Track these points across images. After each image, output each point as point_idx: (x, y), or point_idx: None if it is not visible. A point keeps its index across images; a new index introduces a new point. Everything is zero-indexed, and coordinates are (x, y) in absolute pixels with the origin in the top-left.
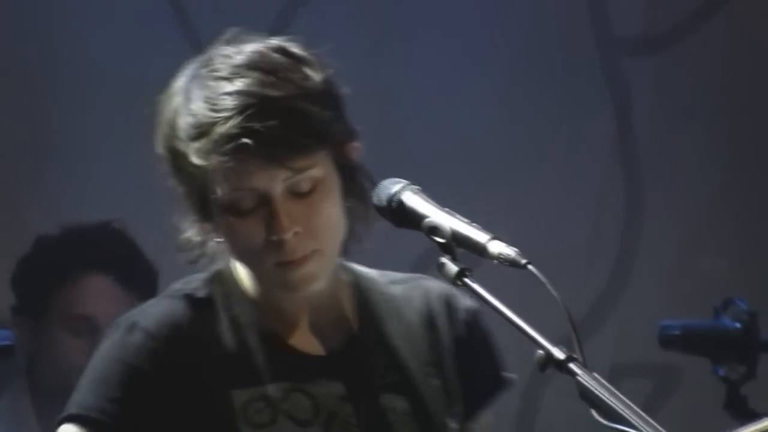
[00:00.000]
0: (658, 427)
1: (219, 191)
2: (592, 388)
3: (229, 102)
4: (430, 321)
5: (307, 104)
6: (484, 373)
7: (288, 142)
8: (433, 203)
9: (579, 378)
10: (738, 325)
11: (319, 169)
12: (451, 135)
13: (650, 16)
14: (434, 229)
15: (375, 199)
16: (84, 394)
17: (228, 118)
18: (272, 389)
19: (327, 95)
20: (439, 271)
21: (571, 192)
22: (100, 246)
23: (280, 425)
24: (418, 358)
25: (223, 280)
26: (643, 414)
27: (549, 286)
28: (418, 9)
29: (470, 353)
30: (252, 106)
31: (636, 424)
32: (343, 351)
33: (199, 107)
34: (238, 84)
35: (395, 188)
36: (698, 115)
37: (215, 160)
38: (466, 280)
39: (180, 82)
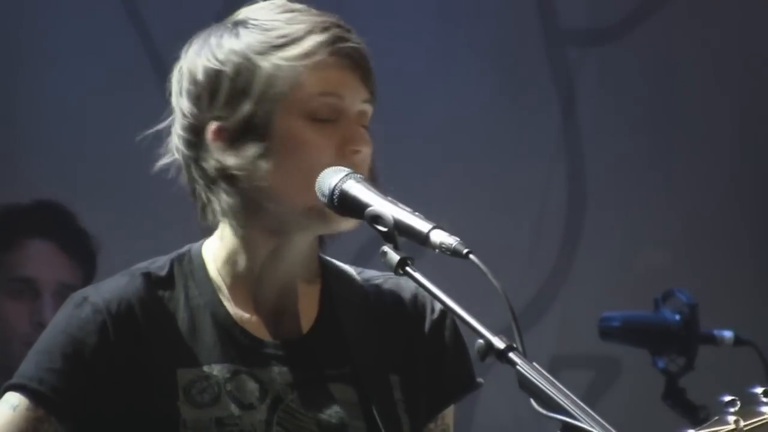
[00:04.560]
0: (597, 417)
1: (308, 94)
2: (531, 378)
3: (317, 19)
4: (399, 319)
5: None
6: (452, 373)
7: (370, 63)
8: (376, 192)
9: (519, 367)
10: (678, 317)
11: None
12: (396, 126)
13: (596, 9)
14: (376, 218)
15: (317, 188)
16: (27, 364)
17: (324, 29)
18: (218, 370)
19: None
20: (382, 259)
21: (514, 182)
22: (40, 217)
23: (222, 406)
24: (377, 352)
25: (188, 260)
26: (583, 404)
27: (490, 276)
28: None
29: (439, 353)
30: (338, 26)
31: (575, 414)
32: (298, 339)
33: (279, 25)
34: (312, 11)
35: (338, 176)
36: (642, 108)
37: (314, 59)
38: (408, 269)
39: (205, 32)
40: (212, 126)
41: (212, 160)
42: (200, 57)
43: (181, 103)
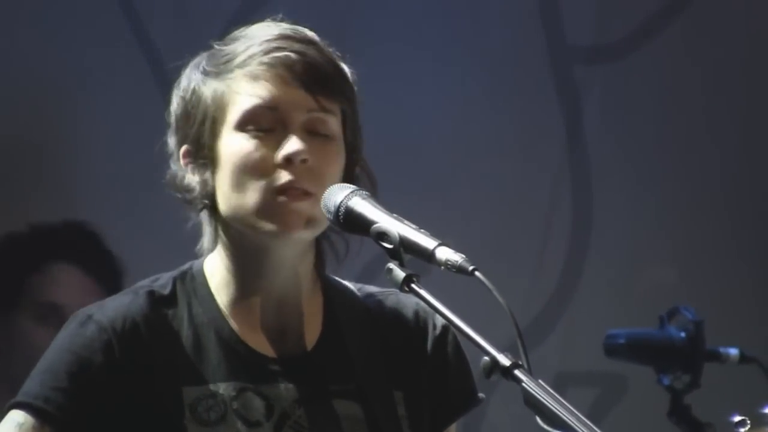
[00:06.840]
0: None
1: (240, 107)
2: (537, 395)
3: (265, 32)
4: (401, 335)
5: (335, 58)
6: (455, 389)
7: (321, 72)
8: (382, 209)
9: (524, 385)
10: (683, 334)
11: (335, 124)
12: (402, 142)
13: (602, 26)
14: (382, 235)
15: (323, 205)
16: (31, 382)
17: (264, 42)
18: (224, 388)
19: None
20: (387, 276)
21: (520, 199)
22: (68, 239)
23: (229, 424)
24: (381, 368)
25: (191, 278)
26: (588, 422)
27: (496, 293)
28: (375, 15)
29: (442, 369)
30: (290, 38)
31: None
32: (302, 355)
33: (231, 45)
34: (273, 27)
35: (343, 194)
36: (647, 125)
37: (247, 69)
38: (413, 285)
39: (191, 66)
40: (182, 150)
41: (187, 183)
42: (174, 94)
43: (170, 142)
